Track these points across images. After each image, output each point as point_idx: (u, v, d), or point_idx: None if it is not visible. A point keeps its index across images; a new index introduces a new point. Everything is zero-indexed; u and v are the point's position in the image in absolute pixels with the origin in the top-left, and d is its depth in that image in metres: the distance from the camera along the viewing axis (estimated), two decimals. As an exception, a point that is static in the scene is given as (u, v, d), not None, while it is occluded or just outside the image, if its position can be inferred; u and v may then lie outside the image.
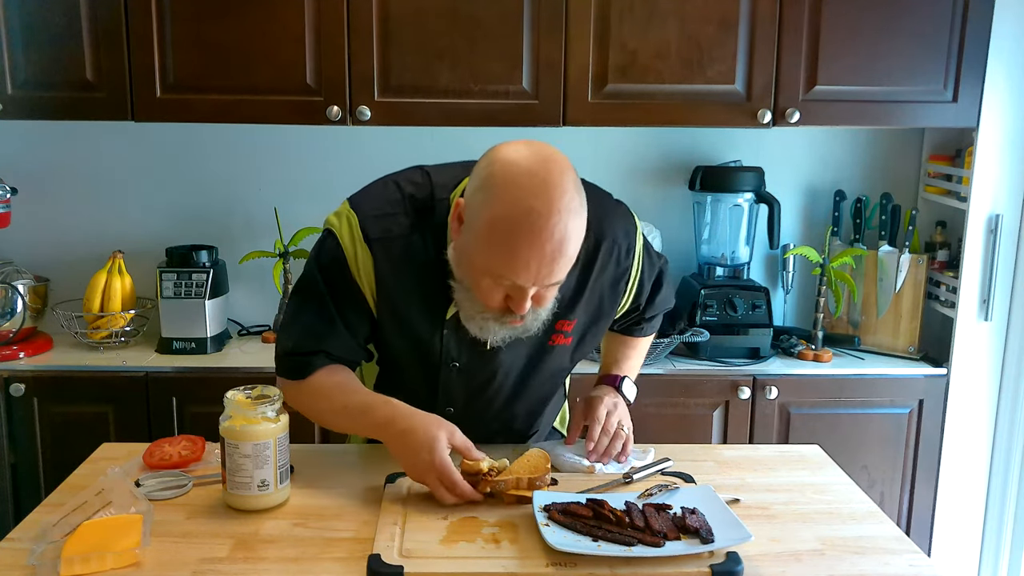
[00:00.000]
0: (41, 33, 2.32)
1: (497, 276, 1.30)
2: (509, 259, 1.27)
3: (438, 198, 1.44)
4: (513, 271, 1.28)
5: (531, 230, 1.25)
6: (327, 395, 1.49)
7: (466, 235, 1.33)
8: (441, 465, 1.35)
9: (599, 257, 1.50)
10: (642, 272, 1.59)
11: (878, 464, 2.49)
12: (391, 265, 1.43)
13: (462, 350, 1.49)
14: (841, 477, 1.56)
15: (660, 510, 1.32)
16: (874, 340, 2.64)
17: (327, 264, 1.46)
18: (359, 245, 1.43)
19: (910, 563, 1.27)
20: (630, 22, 2.33)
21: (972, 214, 2.44)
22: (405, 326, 1.48)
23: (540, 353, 1.54)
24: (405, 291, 1.45)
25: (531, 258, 1.27)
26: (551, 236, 1.26)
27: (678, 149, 2.71)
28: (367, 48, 2.33)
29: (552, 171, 1.28)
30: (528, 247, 1.26)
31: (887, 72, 2.37)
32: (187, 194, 2.69)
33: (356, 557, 1.24)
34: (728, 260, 2.65)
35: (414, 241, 1.43)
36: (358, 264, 1.44)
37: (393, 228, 1.43)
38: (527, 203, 1.25)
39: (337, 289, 1.46)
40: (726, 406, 2.44)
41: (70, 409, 2.36)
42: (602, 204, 1.52)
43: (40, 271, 2.60)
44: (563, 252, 1.28)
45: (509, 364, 1.53)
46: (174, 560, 1.23)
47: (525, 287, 1.31)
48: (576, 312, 1.52)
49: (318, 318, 1.47)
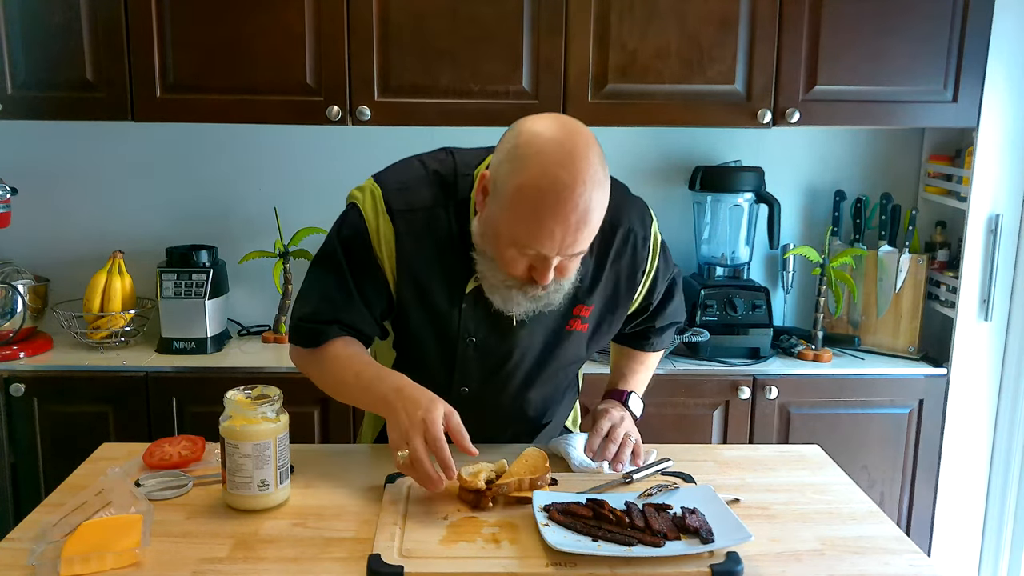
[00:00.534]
0: (41, 33, 2.32)
1: (522, 246, 1.32)
2: (534, 228, 1.29)
3: (462, 174, 1.47)
4: (538, 240, 1.30)
5: (557, 199, 1.27)
6: (339, 365, 1.49)
7: (491, 206, 1.36)
8: (432, 423, 1.32)
9: (615, 242, 1.52)
10: (657, 269, 1.60)
11: (878, 464, 2.49)
12: (413, 237, 1.45)
13: (480, 326, 1.49)
14: (841, 477, 1.56)
15: (660, 510, 1.32)
16: (874, 340, 2.64)
17: (348, 237, 1.48)
18: (382, 217, 1.45)
19: (910, 563, 1.27)
20: (630, 22, 2.34)
21: (972, 214, 2.44)
22: (425, 299, 1.48)
23: (557, 337, 1.54)
24: (426, 264, 1.46)
25: (556, 227, 1.29)
26: (576, 206, 1.28)
27: (678, 149, 2.71)
28: (367, 48, 2.33)
29: (578, 142, 1.30)
30: (553, 216, 1.28)
31: (887, 72, 2.37)
32: (187, 194, 2.69)
33: (356, 557, 1.24)
34: (728, 260, 2.65)
35: (437, 214, 1.45)
36: (380, 237, 1.45)
37: (415, 201, 1.45)
38: (553, 172, 1.27)
39: (356, 262, 1.47)
40: (726, 406, 2.44)
41: (70, 409, 2.36)
42: (619, 192, 1.53)
43: (40, 271, 2.61)
44: (587, 222, 1.30)
45: (526, 345, 1.53)
46: (174, 560, 1.23)
47: (549, 256, 1.33)
48: (593, 298, 1.53)
49: (336, 289, 1.48)
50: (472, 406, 1.44)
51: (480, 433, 1.44)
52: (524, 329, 1.51)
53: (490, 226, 1.37)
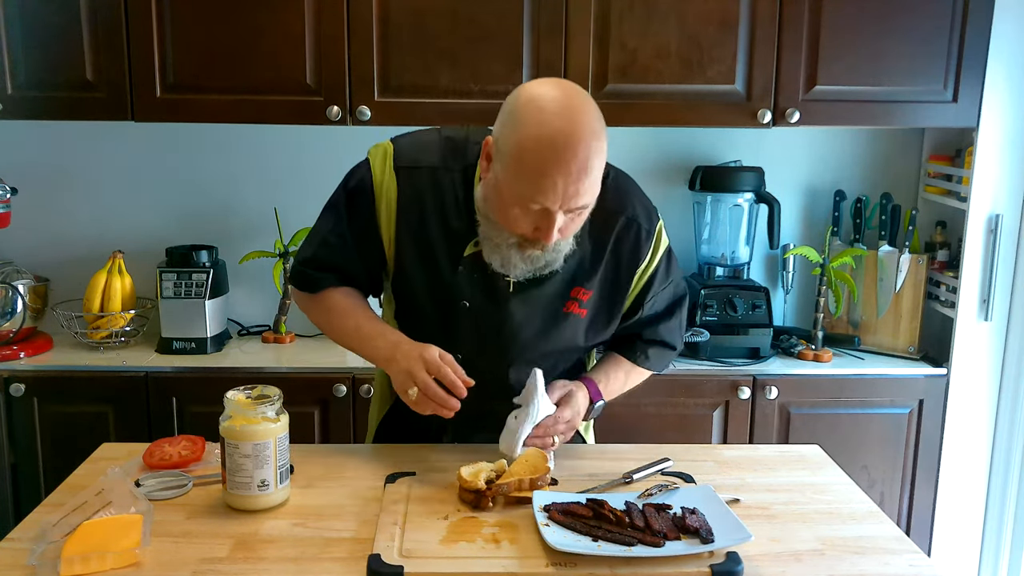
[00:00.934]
0: (41, 33, 2.32)
1: (526, 200, 1.35)
2: (537, 180, 1.33)
3: (472, 141, 1.53)
4: (542, 192, 1.33)
5: (556, 150, 1.31)
6: (341, 313, 1.58)
7: (495, 168, 1.40)
8: (431, 358, 1.42)
9: (616, 227, 1.54)
10: (656, 270, 1.60)
11: (878, 464, 2.49)
12: (415, 193, 1.51)
13: (475, 290, 1.52)
14: (841, 477, 1.56)
15: (660, 510, 1.32)
16: (874, 340, 2.64)
17: (353, 189, 1.56)
18: (388, 175, 1.52)
19: (910, 563, 1.27)
20: (630, 22, 2.34)
21: (972, 214, 2.44)
22: (424, 259, 1.53)
23: (554, 318, 1.55)
24: (427, 222, 1.51)
25: (558, 177, 1.32)
26: (575, 155, 1.31)
27: (678, 149, 2.71)
28: (367, 48, 2.33)
29: (575, 98, 1.36)
30: (555, 166, 1.31)
31: (887, 72, 2.37)
32: (187, 194, 2.69)
33: (356, 557, 1.24)
34: (728, 260, 2.66)
35: (442, 176, 1.51)
36: (383, 195, 1.52)
37: (423, 159, 1.52)
38: (552, 125, 1.31)
39: (356, 215, 1.55)
40: (726, 406, 2.44)
41: (70, 409, 2.36)
42: (629, 184, 1.60)
43: (40, 271, 2.61)
44: (588, 171, 1.33)
45: (521, 318, 1.54)
46: (174, 560, 1.23)
47: (553, 210, 1.35)
48: (593, 282, 1.55)
49: (335, 236, 1.57)
50: (470, 372, 1.45)
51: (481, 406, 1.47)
52: (518, 299, 1.53)
53: (493, 188, 1.41)
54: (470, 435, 1.63)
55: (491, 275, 1.50)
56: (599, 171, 1.37)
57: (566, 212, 1.37)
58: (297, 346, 2.62)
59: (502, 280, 1.51)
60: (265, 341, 2.64)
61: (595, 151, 1.34)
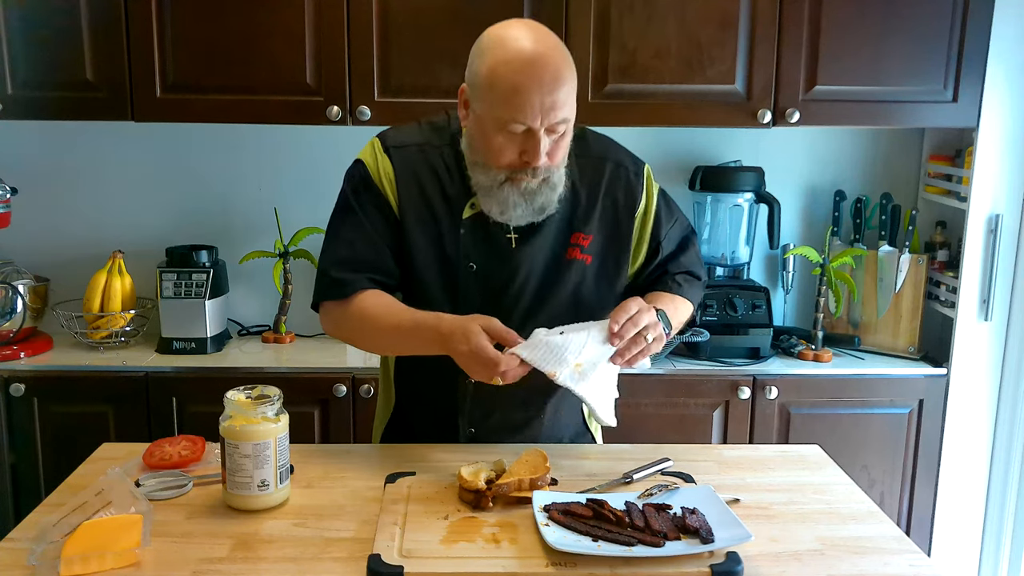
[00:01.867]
0: (41, 33, 2.32)
1: (507, 123, 1.41)
2: (513, 98, 1.38)
3: (453, 116, 1.59)
4: (520, 110, 1.39)
5: (527, 64, 1.38)
6: (375, 316, 1.52)
7: (472, 108, 1.46)
8: (477, 348, 1.37)
9: (605, 173, 1.59)
10: (658, 209, 1.64)
11: (878, 464, 2.49)
12: (410, 169, 1.55)
13: (479, 250, 1.55)
14: (841, 477, 1.56)
15: (660, 510, 1.32)
16: (874, 340, 2.64)
17: (355, 184, 1.58)
18: (380, 156, 1.56)
19: (910, 563, 1.27)
20: (630, 22, 2.34)
21: (972, 214, 2.44)
22: (426, 230, 1.55)
23: (558, 266, 1.57)
24: (425, 194, 1.55)
25: (533, 92, 1.38)
26: (546, 66, 1.39)
27: (678, 149, 2.71)
28: (367, 48, 2.34)
29: (537, 25, 1.45)
30: (529, 80, 1.38)
31: (887, 72, 2.37)
32: (187, 194, 2.69)
33: (356, 557, 1.24)
34: (728, 260, 2.66)
35: (429, 151, 1.57)
36: (380, 173, 1.55)
37: (408, 140, 1.58)
38: (519, 46, 1.40)
39: (365, 203, 1.56)
40: (726, 406, 2.44)
41: (70, 409, 2.36)
42: (606, 137, 1.66)
43: (40, 271, 2.61)
44: (561, 82, 1.40)
45: (526, 271, 1.55)
46: (174, 560, 1.23)
47: (534, 127, 1.40)
48: (591, 226, 1.57)
49: (353, 231, 1.56)
50: None
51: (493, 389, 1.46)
52: (521, 252, 1.54)
53: (475, 126, 1.47)
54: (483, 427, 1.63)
55: (493, 233, 1.53)
56: (572, 84, 1.42)
57: (547, 132, 1.41)
58: (297, 346, 2.63)
59: (504, 237, 1.54)
60: (265, 341, 2.65)
61: (564, 63, 1.41)
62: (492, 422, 1.63)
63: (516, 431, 1.64)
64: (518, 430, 1.64)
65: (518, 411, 1.64)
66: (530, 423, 1.65)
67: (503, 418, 1.63)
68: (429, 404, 1.67)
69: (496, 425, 1.63)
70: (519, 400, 1.62)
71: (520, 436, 1.64)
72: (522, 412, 1.64)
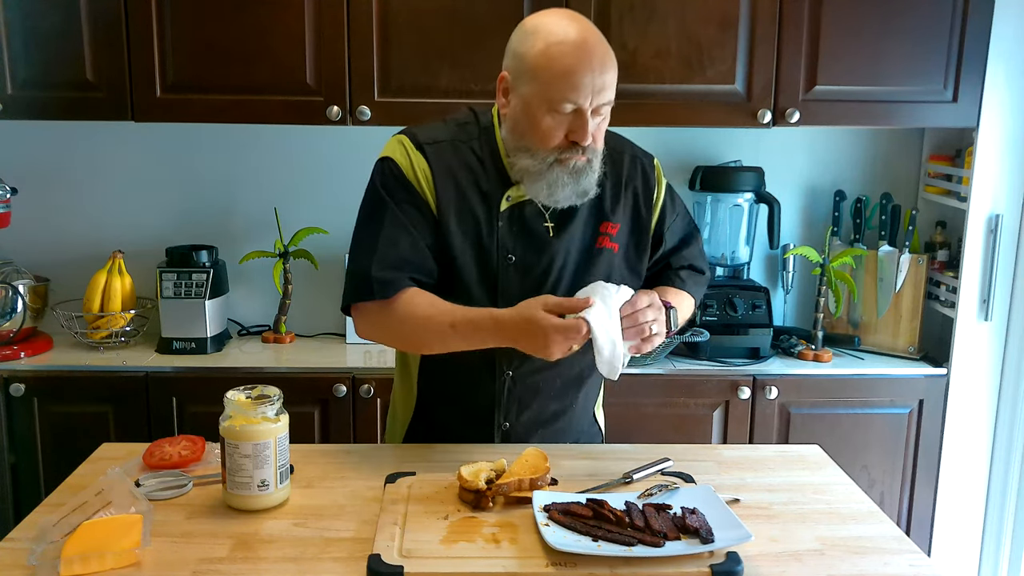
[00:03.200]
0: (41, 33, 2.32)
1: (558, 103, 1.44)
2: (568, 78, 1.43)
3: (480, 111, 1.63)
4: (573, 89, 1.43)
5: (580, 47, 1.44)
6: (426, 315, 1.49)
7: (518, 92, 1.49)
8: (552, 327, 1.38)
9: (624, 164, 1.65)
10: (664, 200, 1.68)
11: (878, 464, 2.49)
12: (444, 165, 1.55)
13: (517, 243, 1.56)
14: (841, 477, 1.56)
15: (660, 510, 1.32)
16: (874, 340, 2.64)
17: (388, 182, 1.55)
18: (413, 155, 1.55)
19: (910, 563, 1.27)
20: (630, 22, 2.34)
21: (972, 214, 2.44)
22: (464, 224, 1.54)
23: (589, 255, 1.60)
24: (460, 189, 1.55)
25: (585, 73, 1.43)
26: (596, 50, 1.45)
27: (678, 149, 2.71)
28: (367, 48, 2.34)
29: (578, 14, 1.51)
30: (582, 62, 1.43)
31: (887, 72, 2.37)
32: (187, 194, 2.69)
33: (356, 557, 1.24)
34: (728, 260, 2.66)
35: (460, 146, 1.58)
36: (415, 170, 1.54)
37: (439, 136, 1.58)
38: (565, 29, 1.46)
39: (401, 200, 1.54)
40: (726, 406, 2.44)
41: (70, 409, 2.36)
42: (618, 133, 1.70)
43: (40, 271, 2.61)
44: (609, 65, 1.46)
45: (562, 261, 1.57)
46: (174, 560, 1.23)
47: (584, 107, 1.45)
48: (618, 215, 1.62)
49: (392, 227, 1.52)
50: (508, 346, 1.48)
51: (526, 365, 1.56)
52: (558, 242, 1.56)
53: (521, 111, 1.49)
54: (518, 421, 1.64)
55: (530, 224, 1.55)
56: (616, 70, 1.48)
57: (593, 113, 1.47)
58: (297, 346, 2.63)
59: (542, 226, 1.56)
60: (265, 341, 2.65)
61: (609, 49, 1.48)
62: (528, 416, 1.64)
63: (548, 423, 1.66)
64: (549, 423, 1.66)
65: (554, 402, 1.65)
66: (562, 414, 1.67)
67: (539, 409, 1.64)
68: (460, 402, 1.66)
69: (530, 419, 1.64)
70: (555, 391, 1.64)
71: (551, 429, 1.66)
72: (557, 403, 1.66)
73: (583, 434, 1.74)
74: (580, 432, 1.73)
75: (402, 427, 1.73)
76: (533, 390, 1.61)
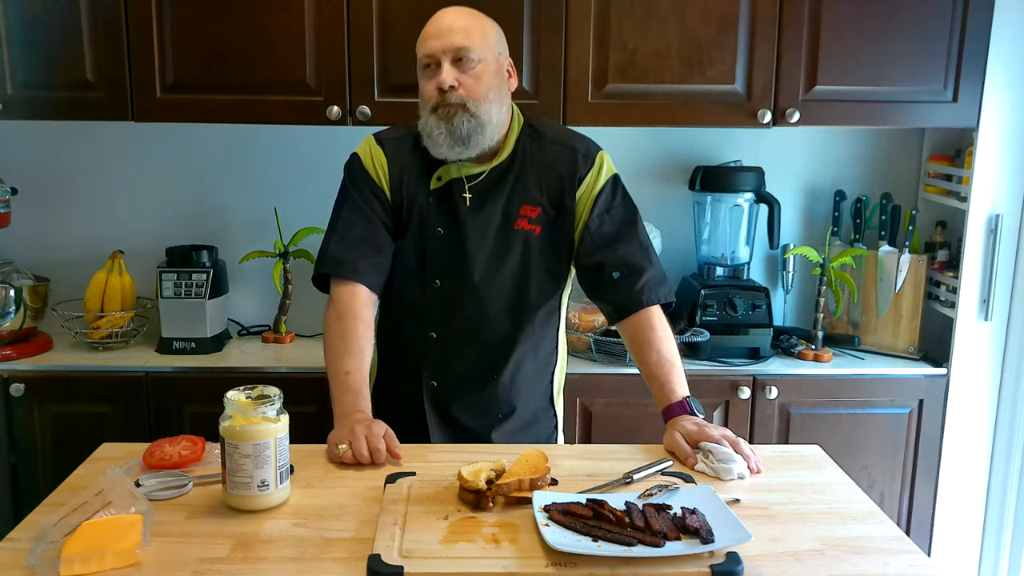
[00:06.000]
0: (41, 33, 2.32)
1: (421, 64, 1.73)
2: (423, 42, 1.72)
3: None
4: (425, 45, 1.71)
5: (434, 16, 1.73)
6: (337, 347, 1.72)
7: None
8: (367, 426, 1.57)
9: (553, 151, 1.79)
10: (602, 190, 1.78)
11: (878, 464, 2.49)
12: (397, 157, 1.81)
13: (443, 218, 1.78)
14: (841, 477, 1.56)
15: (660, 510, 1.32)
16: (874, 340, 2.64)
17: (352, 173, 1.83)
18: (374, 149, 1.83)
19: (910, 563, 1.27)
20: (630, 22, 2.34)
21: (972, 214, 2.44)
22: (409, 204, 1.79)
23: (507, 235, 1.77)
24: (407, 176, 1.80)
25: (433, 29, 1.71)
26: (448, 11, 1.72)
27: (678, 149, 2.71)
28: (367, 48, 2.34)
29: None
30: (432, 23, 1.73)
31: (887, 72, 2.37)
32: (187, 194, 2.69)
33: (356, 557, 1.24)
34: (728, 260, 2.66)
35: (411, 140, 1.82)
36: (374, 161, 1.81)
37: (398, 134, 1.86)
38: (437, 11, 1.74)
39: (362, 187, 1.81)
40: (726, 406, 2.44)
41: (70, 409, 2.36)
42: (571, 129, 1.87)
43: (40, 271, 2.61)
44: (461, 20, 1.70)
45: (480, 234, 1.77)
46: (174, 560, 1.23)
47: (435, 53, 1.70)
48: (538, 199, 1.78)
49: (352, 212, 1.80)
50: (444, 303, 1.77)
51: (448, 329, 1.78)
52: (476, 218, 1.76)
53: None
54: (445, 379, 1.81)
55: (454, 201, 1.77)
56: (478, 27, 1.70)
57: (453, 61, 1.68)
58: (297, 346, 2.63)
59: (461, 197, 1.77)
60: (265, 341, 2.65)
61: (470, 12, 1.72)
62: (452, 375, 1.81)
63: (477, 388, 1.81)
64: (476, 389, 1.81)
65: (475, 367, 1.81)
66: (489, 382, 1.81)
67: (463, 372, 1.81)
68: (398, 362, 1.88)
69: (456, 379, 1.81)
70: (476, 357, 1.81)
71: (482, 395, 1.81)
72: (481, 370, 1.81)
73: (529, 413, 1.85)
74: (525, 411, 1.84)
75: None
76: (456, 353, 1.80)
